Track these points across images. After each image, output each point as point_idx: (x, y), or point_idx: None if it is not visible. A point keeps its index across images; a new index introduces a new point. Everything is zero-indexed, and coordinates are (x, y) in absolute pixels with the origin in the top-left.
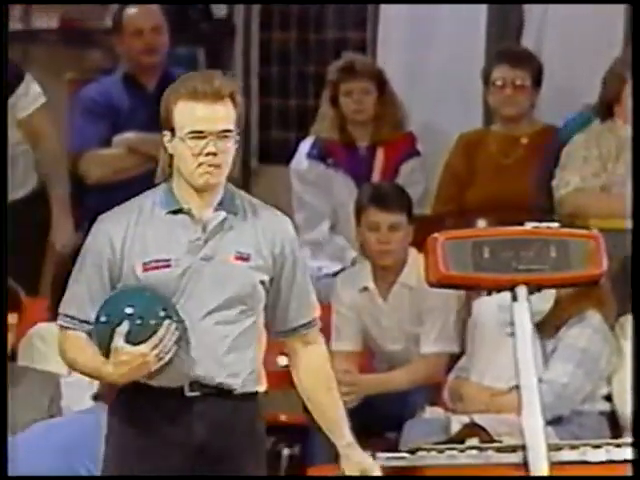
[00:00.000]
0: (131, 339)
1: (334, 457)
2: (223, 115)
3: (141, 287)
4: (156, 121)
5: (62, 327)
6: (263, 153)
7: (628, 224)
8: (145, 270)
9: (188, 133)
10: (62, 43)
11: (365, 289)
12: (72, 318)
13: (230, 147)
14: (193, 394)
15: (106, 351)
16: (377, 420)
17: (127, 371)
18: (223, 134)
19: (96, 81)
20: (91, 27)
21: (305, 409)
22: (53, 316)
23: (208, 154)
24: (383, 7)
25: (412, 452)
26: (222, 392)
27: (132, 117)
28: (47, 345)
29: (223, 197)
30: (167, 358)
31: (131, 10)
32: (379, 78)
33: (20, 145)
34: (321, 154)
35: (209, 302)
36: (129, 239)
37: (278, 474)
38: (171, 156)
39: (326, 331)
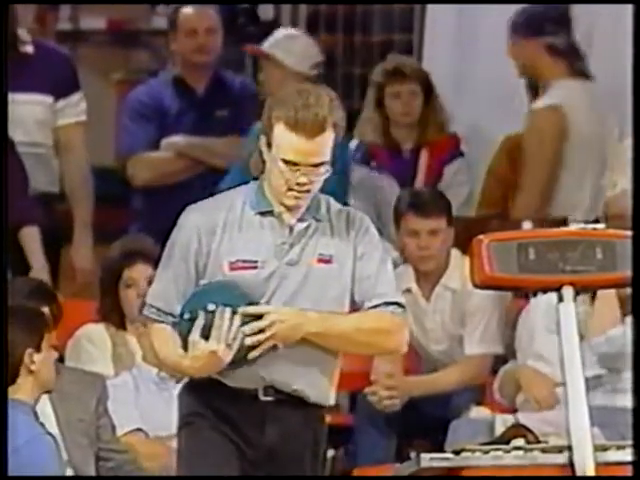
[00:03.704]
0: (206, 333)
1: (378, 458)
2: (321, 149)
3: (224, 283)
4: (205, 124)
5: (148, 319)
6: None
7: None
8: (232, 269)
9: (283, 159)
10: (109, 44)
11: (408, 291)
12: (158, 310)
13: (322, 174)
14: (267, 399)
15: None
16: (422, 422)
17: (202, 366)
18: (317, 165)
19: (145, 83)
20: (138, 28)
21: (350, 411)
22: (101, 318)
23: (299, 183)
24: (430, 10)
25: (456, 453)
26: (295, 400)
27: (181, 120)
28: (95, 346)
29: (310, 203)
30: (236, 346)
31: (187, 10)
32: (426, 81)
33: (44, 148)
34: (364, 158)
35: (294, 307)
36: (218, 235)
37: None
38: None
39: None
